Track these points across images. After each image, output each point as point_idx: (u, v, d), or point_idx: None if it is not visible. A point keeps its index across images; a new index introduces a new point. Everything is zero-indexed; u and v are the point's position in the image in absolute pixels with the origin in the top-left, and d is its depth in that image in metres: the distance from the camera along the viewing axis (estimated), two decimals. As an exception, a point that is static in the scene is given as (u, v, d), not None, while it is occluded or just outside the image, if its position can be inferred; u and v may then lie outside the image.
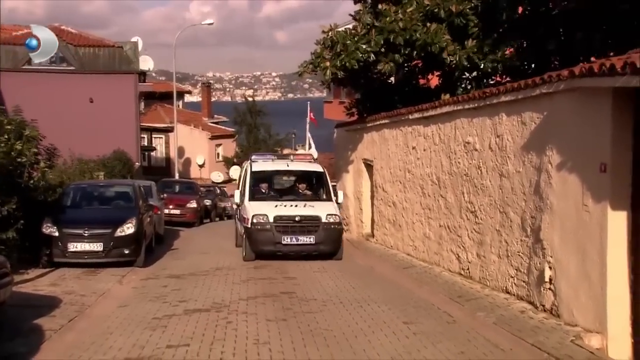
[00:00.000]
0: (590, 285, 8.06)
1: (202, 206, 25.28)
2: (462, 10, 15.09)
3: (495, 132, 10.44)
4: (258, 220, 13.76)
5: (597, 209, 7.88)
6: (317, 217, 13.98)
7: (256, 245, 13.82)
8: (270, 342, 7.51)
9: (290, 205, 14.28)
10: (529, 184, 9.43)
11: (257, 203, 14.46)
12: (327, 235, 13.93)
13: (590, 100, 8.00)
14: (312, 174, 15.90)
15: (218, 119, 58.40)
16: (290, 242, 13.76)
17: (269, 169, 15.89)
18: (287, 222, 13.82)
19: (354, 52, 15.04)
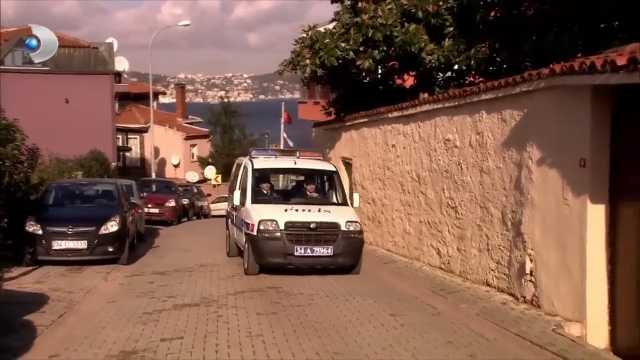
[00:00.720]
0: (570, 277, 8.25)
1: (180, 205, 25.21)
2: (439, 10, 15.30)
3: (476, 129, 10.61)
4: (266, 227, 11.37)
5: (577, 202, 8.07)
6: (335, 224, 11.59)
7: (262, 256, 11.39)
8: (263, 335, 7.56)
9: (302, 210, 11.85)
10: (509, 180, 9.61)
11: (262, 206, 12.01)
12: (346, 246, 11.49)
13: (570, 97, 8.19)
14: (323, 173, 13.55)
15: (192, 119, 58.18)
16: (303, 254, 11.30)
17: (273, 167, 13.54)
18: (300, 230, 11.38)
19: (333, 50, 15.17)
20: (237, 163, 14.78)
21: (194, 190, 32.76)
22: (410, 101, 13.75)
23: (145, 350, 6.96)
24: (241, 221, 12.33)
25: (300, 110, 44.20)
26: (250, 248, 11.54)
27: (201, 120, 58.15)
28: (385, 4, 15.31)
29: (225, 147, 52.98)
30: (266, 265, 11.46)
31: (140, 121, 49.72)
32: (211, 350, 6.95)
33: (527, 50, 14.72)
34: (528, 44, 14.42)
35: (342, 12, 16.43)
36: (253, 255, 11.47)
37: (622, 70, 6.89)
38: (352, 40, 15.22)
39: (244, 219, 12.08)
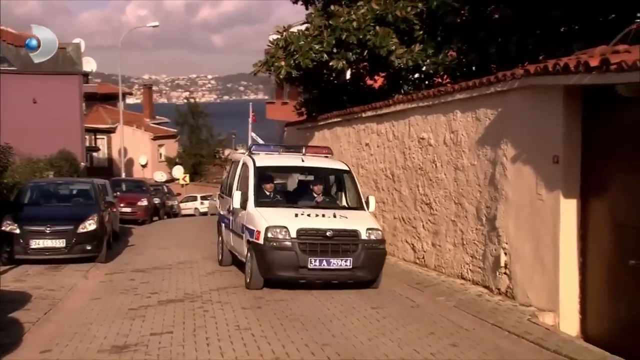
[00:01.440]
0: (543, 269, 8.50)
1: (152, 204, 25.09)
2: (407, 15, 15.52)
3: (450, 128, 10.81)
4: (275, 235, 9.70)
5: (551, 197, 8.33)
6: (354, 232, 9.96)
7: (270, 269, 9.70)
8: (251, 328, 7.63)
9: (315, 215, 10.18)
10: (484, 176, 9.83)
11: (268, 210, 10.30)
12: (367, 258, 9.86)
13: (543, 97, 8.43)
14: (335, 173, 11.77)
15: (160, 120, 57.71)
16: (318, 266, 9.65)
17: (278, 165, 11.75)
18: (314, 239, 9.74)
19: (308, 52, 15.26)
20: (232, 160, 13.00)
21: (165, 189, 32.61)
22: (383, 101, 13.92)
23: (137, 345, 6.97)
24: (241, 227, 10.62)
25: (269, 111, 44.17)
26: (255, 259, 9.80)
27: (168, 121, 57.76)
28: (358, 8, 15.46)
29: (192, 147, 52.84)
30: (274, 279, 9.81)
31: (108, 121, 49.35)
32: (202, 343, 7.00)
33: (493, 53, 15.08)
34: (494, 47, 14.77)
35: (314, 14, 16.54)
36: (258, 268, 9.76)
37: (595, 71, 7.15)
38: (325, 43, 15.34)
39: (246, 225, 10.35)
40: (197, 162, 52.09)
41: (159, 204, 27.03)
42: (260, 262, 9.76)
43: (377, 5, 15.44)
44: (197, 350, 6.75)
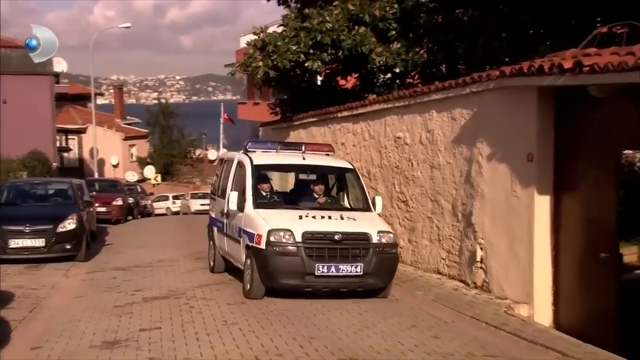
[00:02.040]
0: (518, 263, 8.72)
1: (126, 204, 24.93)
2: (385, 15, 15.72)
3: (426, 127, 11.00)
4: (278, 239, 8.80)
5: (525, 194, 8.55)
6: (365, 235, 9.10)
7: (273, 276, 8.81)
8: (238, 323, 7.69)
9: (321, 217, 9.32)
10: (459, 174, 10.03)
11: (268, 212, 9.42)
12: (379, 264, 9.00)
13: (517, 97, 8.65)
14: (339, 172, 10.86)
15: (130, 120, 57.19)
16: (326, 273, 8.77)
17: (278, 164, 10.83)
18: (322, 243, 8.86)
19: (285, 53, 15.35)
20: (224, 159, 11.99)
21: (138, 189, 32.41)
22: (359, 101, 14.07)
23: (127, 340, 6.99)
24: (238, 230, 9.72)
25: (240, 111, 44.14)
26: (256, 265, 8.90)
27: (139, 121, 57.31)
28: (332, 9, 15.61)
29: (164, 148, 52.58)
30: (278, 288, 8.93)
31: (78, 122, 48.90)
32: (192, 338, 7.05)
33: (460, 53, 15.42)
34: (461, 47, 15.10)
35: (290, 16, 16.63)
36: (259, 275, 8.88)
37: (568, 73, 7.38)
38: (302, 44, 15.46)
39: (245, 228, 9.45)
40: (168, 162, 51.78)
41: (133, 203, 26.85)
42: (261, 269, 8.84)
43: (353, 6, 15.60)
44: (187, 344, 6.80)
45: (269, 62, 15.49)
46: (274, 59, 15.39)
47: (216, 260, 11.26)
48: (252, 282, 9.03)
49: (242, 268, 9.55)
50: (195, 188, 45.36)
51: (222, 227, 10.83)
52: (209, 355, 6.40)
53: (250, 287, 9.08)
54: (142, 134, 53.86)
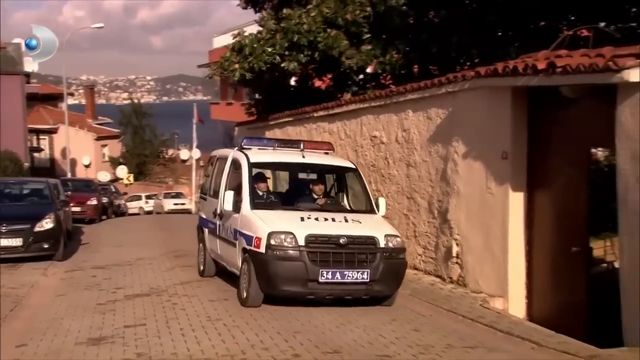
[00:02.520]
0: (493, 258, 8.90)
1: (101, 204, 24.69)
2: (356, 19, 15.85)
3: (402, 126, 11.13)
4: (279, 242, 8.12)
5: (500, 191, 8.73)
6: (372, 239, 8.45)
7: (274, 283, 8.13)
8: (222, 319, 7.71)
9: (324, 219, 8.64)
10: (435, 172, 10.18)
11: (267, 213, 8.74)
12: (387, 270, 8.33)
13: (492, 97, 8.83)
14: (340, 171, 10.14)
15: (102, 120, 56.58)
16: (331, 280, 8.09)
17: (276, 162, 10.07)
18: (326, 247, 8.19)
19: (261, 55, 15.40)
20: (217, 156, 11.04)
21: (112, 189, 32.12)
22: (335, 101, 14.17)
23: (113, 337, 6.96)
24: (234, 232, 9.03)
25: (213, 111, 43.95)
26: (254, 271, 8.21)
27: (111, 121, 56.75)
28: (309, 11, 15.69)
29: (136, 148, 52.15)
30: (278, 295, 8.26)
31: (49, 122, 48.28)
32: (177, 334, 7.05)
33: (434, 53, 15.66)
34: (435, 48, 15.34)
35: (266, 18, 16.68)
36: (258, 282, 8.19)
37: (542, 73, 7.57)
38: (278, 45, 15.53)
39: (241, 230, 8.77)
40: (140, 162, 51.35)
41: (107, 203, 26.60)
42: (260, 274, 8.13)
43: (327, 9, 15.70)
44: (173, 340, 6.79)
45: (245, 64, 15.55)
46: (250, 61, 15.45)
47: (207, 263, 10.54)
48: (249, 289, 8.29)
49: (237, 273, 8.88)
50: (168, 188, 45.10)
51: (214, 229, 10.13)
52: (196, 350, 6.42)
53: (247, 294, 8.34)
54: (114, 134, 53.40)
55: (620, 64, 6.54)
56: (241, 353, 6.34)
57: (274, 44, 15.57)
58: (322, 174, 10.13)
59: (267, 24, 16.27)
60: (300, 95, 18.34)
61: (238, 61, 15.68)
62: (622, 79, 6.54)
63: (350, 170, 10.07)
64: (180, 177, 48.77)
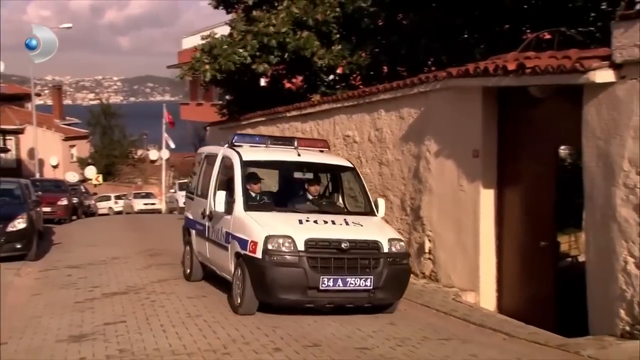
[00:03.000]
0: (465, 253, 9.07)
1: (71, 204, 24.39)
2: (327, 19, 15.97)
3: (375, 126, 11.26)
4: (277, 247, 7.52)
5: (471, 188, 8.90)
6: (375, 243, 7.89)
7: (271, 290, 7.53)
8: (202, 315, 7.72)
9: (323, 222, 8.07)
10: (408, 170, 10.32)
11: (262, 215, 8.14)
12: (391, 277, 7.78)
13: (463, 97, 9.01)
14: (337, 170, 9.56)
15: (70, 120, 55.74)
16: (332, 287, 7.53)
17: (270, 160, 9.35)
18: (327, 252, 7.61)
19: (231, 56, 15.44)
20: (205, 153, 10.35)
21: (82, 189, 31.73)
22: (308, 101, 14.24)
23: (94, 334, 6.92)
24: (225, 235, 8.47)
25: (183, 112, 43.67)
26: (249, 277, 7.61)
27: (79, 122, 55.96)
28: (278, 13, 15.75)
29: (105, 148, 51.55)
30: (275, 303, 7.67)
31: (15, 122, 47.38)
32: (158, 330, 7.04)
33: (403, 54, 15.87)
34: (403, 49, 15.55)
35: (237, 20, 16.72)
36: (253, 289, 7.60)
37: (512, 74, 7.75)
38: (249, 46, 15.58)
39: (234, 233, 8.17)
40: (109, 162, 50.73)
41: (77, 203, 26.27)
42: (257, 281, 7.54)
43: (297, 10, 15.78)
44: (154, 336, 6.79)
45: (215, 65, 15.58)
46: (220, 62, 15.47)
47: (194, 267, 9.86)
48: (243, 296, 7.68)
49: (229, 278, 8.31)
50: (138, 188, 44.69)
51: (202, 231, 9.51)
52: (178, 346, 6.43)
53: (241, 302, 7.73)
54: (82, 135, 52.72)
55: (587, 66, 6.74)
56: (223, 347, 6.37)
57: (244, 45, 15.60)
58: (319, 173, 9.47)
59: (237, 25, 16.29)
60: (271, 96, 18.38)
61: (209, 62, 15.65)
62: (588, 79, 6.75)
63: (348, 170, 9.53)
64: (150, 177, 48.33)
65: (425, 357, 6.25)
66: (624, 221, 6.56)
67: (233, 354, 6.17)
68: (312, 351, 6.29)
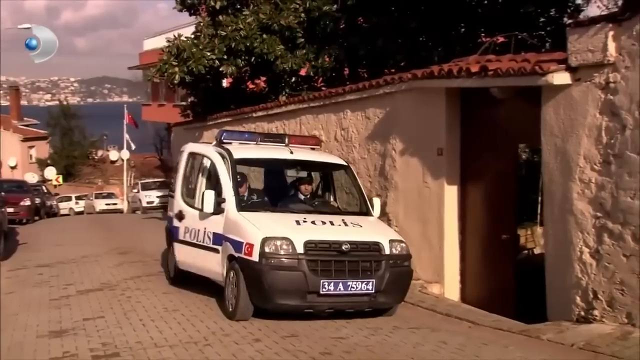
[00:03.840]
0: (430, 247, 9.31)
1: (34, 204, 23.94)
2: (291, 24, 16.10)
3: (341, 125, 11.44)
4: (274, 250, 7.06)
5: (436, 185, 9.15)
6: (376, 245, 7.51)
7: (269, 295, 7.07)
8: (179, 309, 7.76)
9: (321, 223, 7.66)
10: (373, 168, 10.53)
11: (257, 216, 7.71)
12: (393, 280, 7.43)
13: (427, 98, 9.24)
14: (331, 168, 9.28)
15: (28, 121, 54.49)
16: (333, 291, 7.11)
17: (262, 158, 9.02)
18: (327, 255, 7.19)
19: (201, 59, 15.45)
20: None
21: (44, 190, 31.15)
22: (274, 102, 14.35)
23: (74, 329, 6.91)
24: (218, 238, 7.93)
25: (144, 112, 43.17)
26: (244, 281, 7.16)
27: (38, 122, 54.77)
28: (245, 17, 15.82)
29: (65, 149, 50.59)
30: (273, 308, 7.21)
31: (-29, 124, 46.20)
32: (138, 324, 7.07)
33: (363, 56, 16.19)
34: (363, 51, 15.87)
35: (203, 24, 16.73)
36: (249, 294, 7.14)
37: (475, 76, 8.02)
38: (217, 50, 15.62)
39: (227, 235, 7.70)
40: (69, 163, 49.79)
41: (39, 204, 25.79)
42: (253, 286, 7.07)
43: (264, 15, 15.88)
44: (135, 330, 6.82)
45: (184, 68, 15.58)
46: (189, 65, 15.47)
47: (175, 267, 9.23)
48: (238, 301, 7.21)
49: (218, 281, 7.90)
50: (99, 188, 44.01)
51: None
52: (159, 339, 6.47)
53: (235, 307, 7.26)
54: (41, 135, 51.65)
55: (545, 69, 7.04)
56: (204, 339, 6.45)
57: (212, 48, 15.63)
58: (313, 172, 9.04)
59: (204, 29, 16.30)
60: (235, 97, 18.43)
61: (178, 64, 15.64)
62: (547, 82, 7.05)
63: (342, 168, 9.20)
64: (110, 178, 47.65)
65: (398, 345, 6.44)
66: (580, 214, 6.87)
67: (214, 345, 6.26)
68: (291, 341, 6.42)
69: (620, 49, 6.44)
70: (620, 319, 6.48)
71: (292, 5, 15.73)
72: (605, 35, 6.51)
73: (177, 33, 16.60)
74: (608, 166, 6.58)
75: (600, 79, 6.64)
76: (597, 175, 6.69)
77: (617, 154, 6.49)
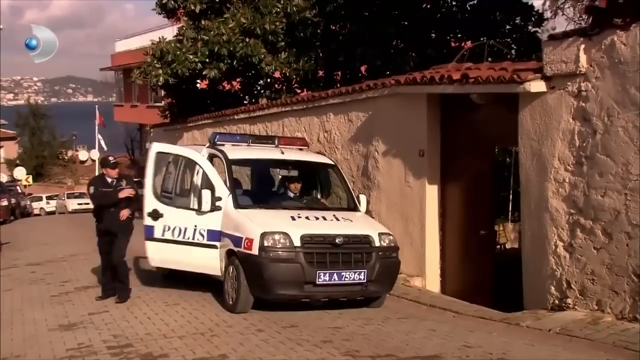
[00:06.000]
0: (412, 243, 9.74)
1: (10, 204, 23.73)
2: (275, 29, 16.40)
3: (324, 128, 11.79)
4: (273, 244, 7.42)
5: (417, 184, 9.57)
6: (367, 238, 7.95)
7: (269, 287, 7.42)
8: (180, 303, 8.00)
9: (315, 218, 8.09)
10: (356, 168, 10.91)
11: (254, 213, 8.11)
12: (383, 270, 7.85)
13: (409, 103, 9.65)
14: (320, 167, 9.62)
15: (-5, 121, 53.59)
16: (328, 282, 7.52)
17: (255, 159, 9.33)
18: (322, 247, 7.60)
19: (184, 62, 15.65)
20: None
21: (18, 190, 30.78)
22: (256, 104, 14.62)
23: (83, 323, 7.13)
24: (214, 234, 8.19)
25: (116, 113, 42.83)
26: (243, 274, 7.48)
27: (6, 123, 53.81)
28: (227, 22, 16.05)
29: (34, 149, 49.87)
30: (272, 299, 7.55)
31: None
32: (143, 317, 7.32)
33: (341, 61, 16.60)
34: (342, 56, 16.28)
35: (186, 28, 16.91)
36: (249, 286, 7.46)
37: (456, 83, 8.47)
38: (200, 53, 15.83)
39: (225, 231, 8.01)
40: (39, 163, 49.11)
41: (14, 204, 25.55)
42: (253, 278, 7.40)
43: (245, 19, 16.13)
44: (142, 323, 7.07)
45: (168, 70, 15.75)
46: (174, 67, 15.65)
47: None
48: (238, 294, 7.51)
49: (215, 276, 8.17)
50: (69, 188, 43.52)
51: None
52: (167, 330, 6.74)
53: (236, 300, 7.56)
54: (10, 136, 50.78)
55: (523, 77, 7.51)
56: (209, 330, 6.74)
57: (195, 52, 15.84)
58: (302, 171, 9.35)
59: (187, 32, 16.49)
60: (213, 99, 18.62)
61: (161, 67, 15.80)
62: (524, 89, 7.53)
63: (330, 167, 9.54)
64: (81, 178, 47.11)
65: (391, 333, 6.83)
66: (554, 211, 7.36)
67: (221, 335, 6.56)
68: (292, 331, 6.76)
69: (591, 60, 6.95)
70: (591, 306, 7.00)
71: (274, 10, 16.01)
72: (577, 48, 7.02)
73: (161, 36, 16.74)
74: (580, 167, 7.08)
75: (573, 88, 7.14)
76: (570, 175, 7.19)
77: (588, 155, 7.00)
